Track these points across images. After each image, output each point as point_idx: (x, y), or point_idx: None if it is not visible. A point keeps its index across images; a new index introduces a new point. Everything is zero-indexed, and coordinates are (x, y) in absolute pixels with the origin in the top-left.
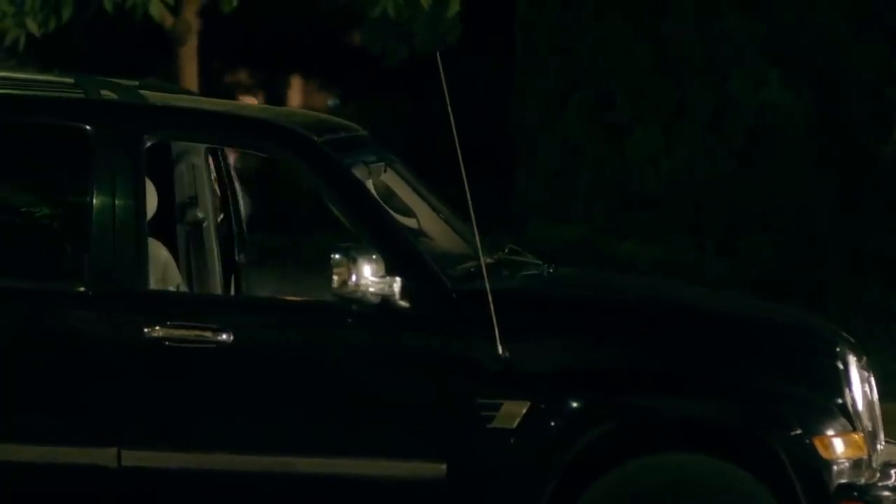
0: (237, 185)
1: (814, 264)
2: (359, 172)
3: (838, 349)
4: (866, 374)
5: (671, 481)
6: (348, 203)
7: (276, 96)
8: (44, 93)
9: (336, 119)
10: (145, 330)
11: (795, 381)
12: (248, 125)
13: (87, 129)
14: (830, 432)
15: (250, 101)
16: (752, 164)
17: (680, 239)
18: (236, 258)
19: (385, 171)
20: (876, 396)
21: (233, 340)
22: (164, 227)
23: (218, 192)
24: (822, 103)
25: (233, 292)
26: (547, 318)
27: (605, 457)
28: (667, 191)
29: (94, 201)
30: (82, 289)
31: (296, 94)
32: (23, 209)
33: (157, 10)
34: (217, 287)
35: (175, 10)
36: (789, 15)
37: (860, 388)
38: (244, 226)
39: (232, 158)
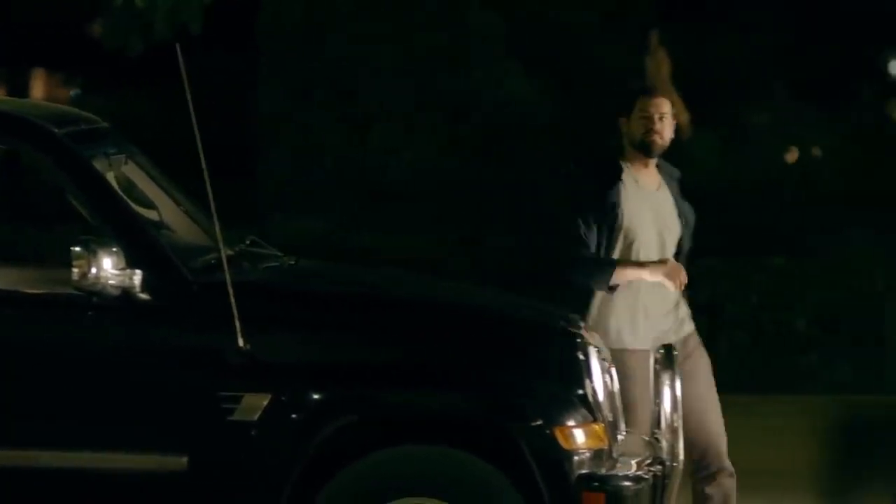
0: None
1: (559, 258)
2: (99, 164)
3: (579, 340)
4: (607, 364)
5: (414, 473)
6: (88, 195)
7: (18, 89)
8: None
9: (77, 111)
10: None
11: (536, 372)
12: None
13: None
14: (571, 423)
15: None
16: (496, 159)
17: (424, 233)
18: None
19: (126, 163)
20: (616, 387)
21: None
22: None
23: None
24: (568, 98)
25: None
26: (288, 310)
27: (348, 449)
28: (409, 184)
29: None
30: None
31: (39, 87)
32: None
33: None
34: None
35: None
36: (534, 9)
37: (601, 378)
38: None
39: None
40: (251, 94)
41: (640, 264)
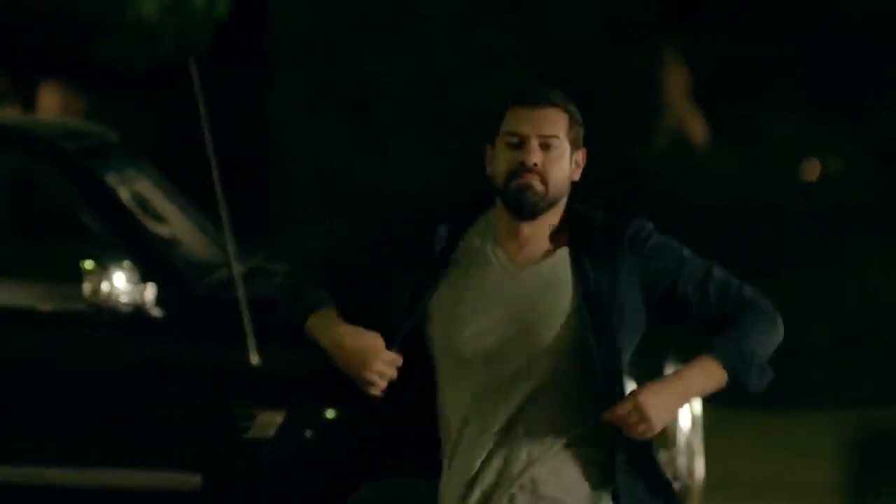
0: None
1: None
2: (110, 179)
3: None
4: None
5: None
6: (99, 210)
7: (29, 103)
8: None
9: (87, 125)
10: None
11: None
12: None
13: None
14: None
15: None
16: None
17: None
18: None
19: (137, 176)
20: None
21: None
22: None
23: None
24: (581, 110)
25: None
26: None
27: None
28: (423, 199)
29: None
30: None
31: (50, 101)
32: None
33: None
34: None
35: None
36: (544, 25)
37: None
38: None
39: None
40: (263, 108)
41: None
